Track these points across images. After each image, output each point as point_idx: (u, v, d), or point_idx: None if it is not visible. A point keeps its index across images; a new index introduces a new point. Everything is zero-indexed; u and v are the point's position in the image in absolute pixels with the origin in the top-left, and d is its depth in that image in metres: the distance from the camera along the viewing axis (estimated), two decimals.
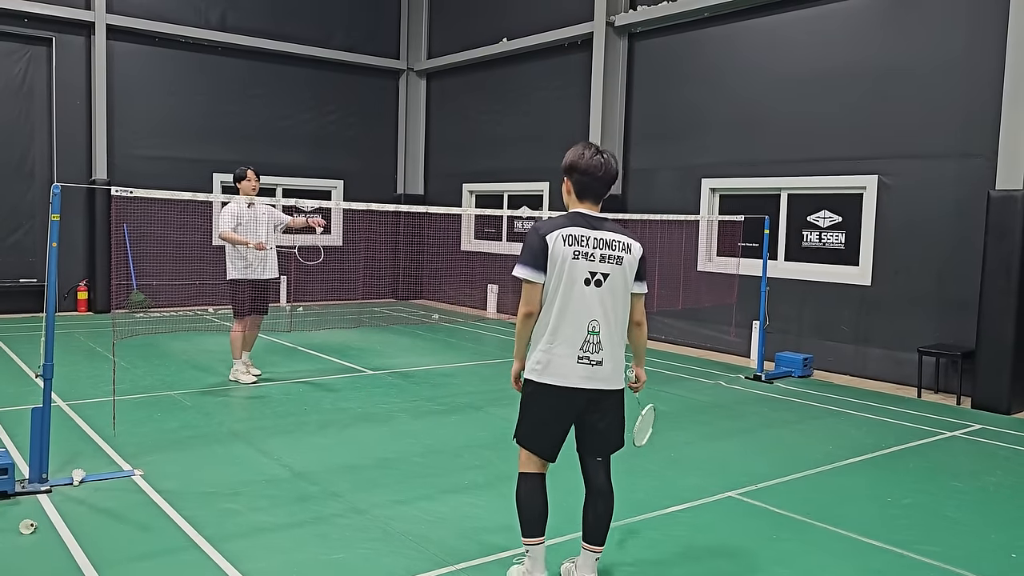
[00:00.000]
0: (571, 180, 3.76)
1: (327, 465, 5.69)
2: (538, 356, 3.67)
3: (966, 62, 8.87)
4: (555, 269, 3.61)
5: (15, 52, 13.00)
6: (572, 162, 3.73)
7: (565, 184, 3.80)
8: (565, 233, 3.63)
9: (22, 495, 4.89)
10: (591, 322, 3.63)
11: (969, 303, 8.68)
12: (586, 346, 3.63)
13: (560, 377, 3.63)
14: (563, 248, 3.60)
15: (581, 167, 3.70)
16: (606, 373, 3.69)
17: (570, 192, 3.79)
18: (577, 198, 3.76)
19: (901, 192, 9.44)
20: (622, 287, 3.70)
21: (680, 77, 11.86)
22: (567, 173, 3.77)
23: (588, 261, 3.62)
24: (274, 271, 8.30)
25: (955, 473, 6.03)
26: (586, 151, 3.71)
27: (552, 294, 3.63)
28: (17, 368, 8.67)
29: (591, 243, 3.64)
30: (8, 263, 13.02)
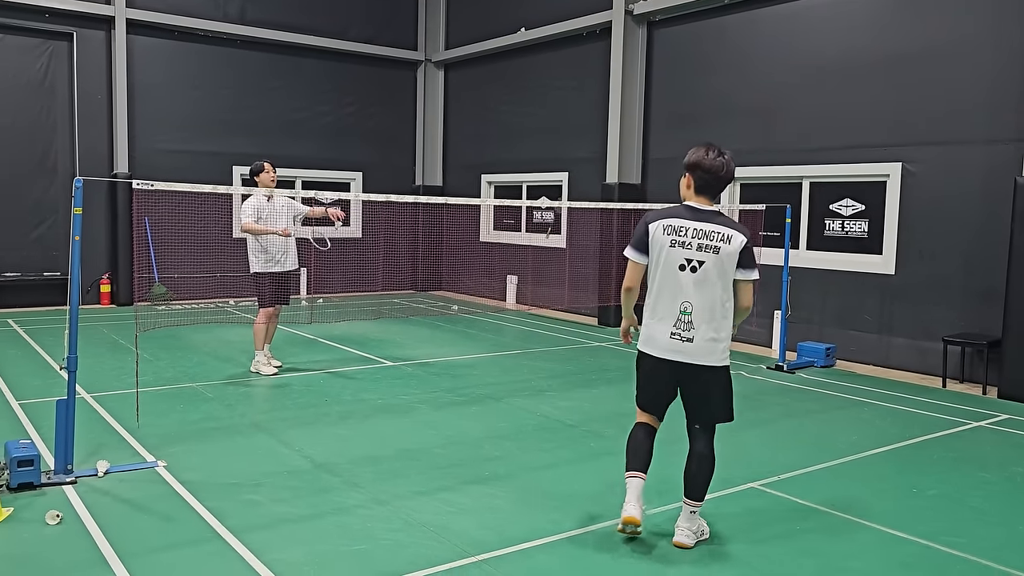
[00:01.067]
0: (693, 176, 4.22)
1: (348, 456, 5.71)
2: (643, 328, 4.29)
3: (992, 45, 8.71)
4: (655, 254, 4.16)
5: (37, 47, 13.11)
6: (696, 161, 4.19)
7: (686, 179, 4.26)
8: (666, 223, 4.14)
9: (48, 486, 4.95)
10: (684, 303, 4.11)
11: (995, 292, 8.55)
12: (678, 324, 4.12)
13: (655, 348, 4.20)
14: (662, 236, 4.12)
15: (704, 166, 4.17)
16: (694, 349, 4.11)
17: (689, 187, 4.25)
18: (695, 192, 4.23)
19: (925, 179, 9.30)
20: (716, 274, 4.09)
21: (700, 65, 11.75)
22: (690, 170, 4.23)
23: (684, 249, 4.09)
24: (295, 263, 8.36)
25: (982, 463, 5.95)
26: (710, 152, 4.18)
27: (652, 275, 4.20)
28: (42, 361, 8.77)
29: (689, 233, 4.09)
30: (32, 257, 13.17)
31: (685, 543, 4.25)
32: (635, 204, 10.44)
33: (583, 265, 13.33)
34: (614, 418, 6.94)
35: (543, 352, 10.14)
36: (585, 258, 13.29)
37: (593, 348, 10.55)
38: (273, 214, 8.12)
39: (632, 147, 12.49)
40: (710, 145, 4.21)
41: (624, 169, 12.44)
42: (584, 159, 13.53)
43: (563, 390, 8.01)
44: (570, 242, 13.86)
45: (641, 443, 4.33)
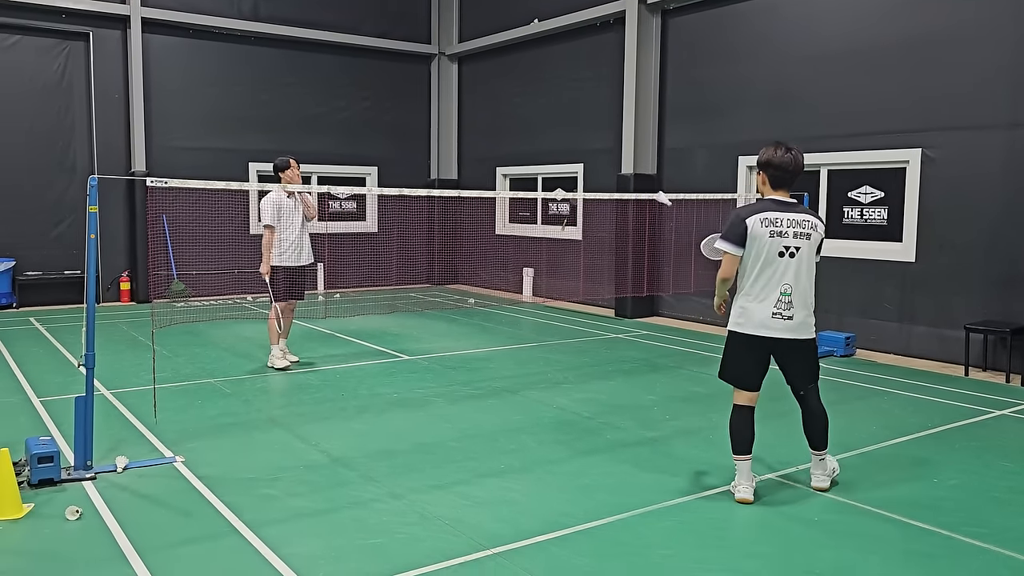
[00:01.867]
0: (766, 174, 4.74)
1: (364, 450, 5.72)
2: (738, 311, 4.77)
3: (1013, 27, 8.56)
4: (754, 245, 4.63)
5: (54, 48, 13.21)
6: (768, 159, 4.70)
7: (760, 177, 4.79)
8: (762, 217, 4.63)
9: (68, 482, 5.00)
10: (784, 286, 4.65)
11: (1018, 278, 8.43)
12: (779, 304, 4.66)
13: (755, 327, 4.70)
14: (761, 228, 4.61)
15: (776, 163, 4.67)
16: (794, 325, 4.69)
17: (765, 183, 4.77)
18: (772, 187, 4.75)
19: (946, 165, 9.17)
20: (808, 257, 4.70)
21: (715, 53, 11.65)
22: (763, 168, 4.74)
23: (782, 238, 4.62)
24: (309, 257, 8.42)
25: (1004, 453, 5.87)
26: (778, 150, 4.68)
27: (752, 264, 4.67)
28: (62, 358, 8.86)
29: (784, 223, 4.63)
30: (53, 255, 13.30)
31: (823, 486, 4.95)
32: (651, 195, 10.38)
33: (599, 257, 13.28)
34: (631, 410, 6.91)
35: (559, 344, 10.11)
36: (601, 249, 13.24)
37: (610, 340, 10.51)
38: (292, 211, 8.23)
39: (647, 137, 12.41)
40: (778, 143, 4.72)
41: (639, 159, 12.36)
42: (599, 150, 13.47)
43: (579, 382, 7.98)
44: (586, 234, 13.81)
45: (748, 427, 4.82)
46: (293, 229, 8.20)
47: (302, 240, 8.28)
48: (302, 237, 8.28)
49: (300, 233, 8.26)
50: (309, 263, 8.45)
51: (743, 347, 4.78)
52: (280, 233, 8.14)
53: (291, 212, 8.21)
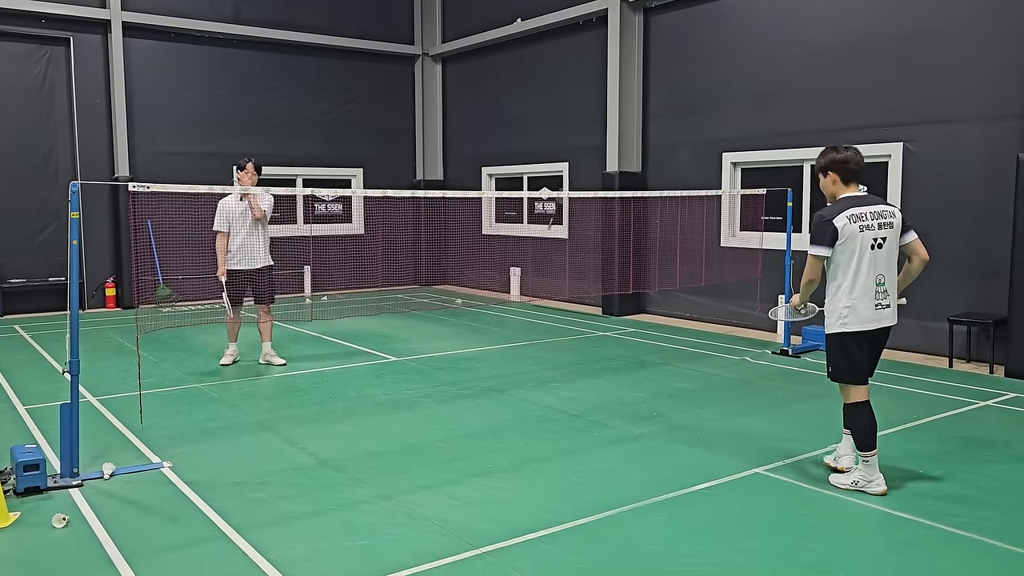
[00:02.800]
0: (836, 173, 4.94)
1: (352, 452, 5.72)
2: (843, 312, 4.83)
3: (992, 21, 8.64)
4: (847, 243, 4.76)
5: (34, 53, 13.11)
6: (832, 159, 4.94)
7: (829, 177, 4.97)
8: (848, 214, 4.77)
9: (54, 489, 4.97)
10: (878, 276, 4.82)
11: (1000, 270, 8.50)
12: (877, 295, 4.82)
13: (864, 323, 4.82)
14: (851, 226, 4.75)
15: (840, 159, 4.92)
16: (890, 313, 4.91)
17: (836, 183, 4.96)
18: (844, 184, 4.94)
19: (927, 159, 9.24)
20: (892, 245, 4.89)
21: (697, 50, 11.69)
22: (830, 169, 4.95)
23: (871, 231, 4.78)
24: (263, 260, 8.40)
25: (988, 443, 5.92)
26: (836, 151, 4.94)
27: (848, 261, 4.79)
28: (47, 366, 8.80)
29: (868, 217, 4.79)
30: (37, 262, 13.21)
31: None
32: (636, 192, 10.42)
33: (585, 255, 13.31)
34: (618, 407, 6.93)
35: (547, 343, 10.13)
36: (587, 248, 13.27)
37: (597, 338, 10.54)
38: (242, 217, 8.26)
39: (631, 135, 12.45)
40: (833, 145, 5.02)
41: (624, 157, 12.40)
42: (584, 148, 13.49)
43: (567, 380, 8.00)
44: (572, 232, 13.84)
45: (871, 422, 4.91)
46: (241, 233, 8.25)
47: (254, 243, 8.30)
48: (254, 240, 8.30)
49: (248, 236, 8.26)
50: (265, 265, 8.41)
51: (855, 345, 4.87)
52: (231, 236, 8.24)
53: (241, 215, 8.26)
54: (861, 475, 4.89)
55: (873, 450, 4.85)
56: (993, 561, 4.00)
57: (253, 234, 8.30)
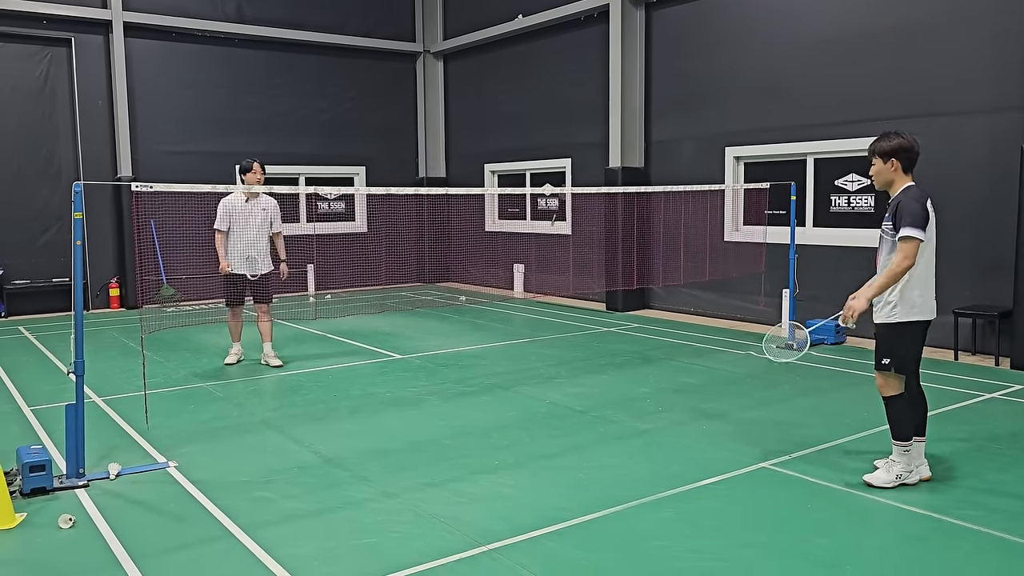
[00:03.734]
0: (900, 160, 4.85)
1: (358, 450, 5.72)
2: (914, 299, 4.79)
3: (995, 12, 8.59)
4: (931, 230, 4.79)
5: (36, 54, 13.12)
6: (899, 145, 4.84)
7: (891, 164, 4.87)
8: (929, 200, 4.81)
9: (60, 490, 4.98)
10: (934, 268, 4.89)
11: (1005, 262, 8.47)
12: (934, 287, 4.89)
13: (929, 312, 4.88)
14: (932, 213, 4.81)
15: (907, 148, 4.83)
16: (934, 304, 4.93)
17: (897, 170, 4.88)
18: (904, 172, 4.89)
19: (931, 151, 9.16)
20: None
21: (699, 45, 11.66)
22: (895, 155, 4.84)
23: (933, 224, 4.84)
24: (264, 266, 8.37)
25: (994, 435, 5.91)
26: (903, 137, 4.83)
27: (922, 251, 4.74)
28: (52, 366, 8.81)
29: (930, 208, 4.81)
30: (40, 263, 13.22)
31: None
32: (639, 188, 10.40)
33: (589, 251, 13.29)
34: (623, 403, 6.92)
35: (551, 339, 10.12)
36: (591, 244, 13.25)
37: (601, 334, 10.53)
38: (245, 217, 8.20)
39: (634, 130, 12.42)
40: (896, 131, 4.92)
41: (627, 153, 12.37)
42: (587, 144, 13.47)
43: (572, 376, 7.99)
44: (575, 228, 13.82)
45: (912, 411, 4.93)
46: (244, 235, 8.17)
47: (259, 248, 8.26)
48: (259, 245, 8.25)
49: (253, 241, 8.19)
50: (264, 272, 8.36)
51: (920, 334, 4.87)
52: (228, 241, 8.19)
53: (245, 217, 8.20)
54: (903, 467, 4.86)
55: (919, 436, 4.94)
56: (1003, 554, 3.98)
57: (258, 239, 8.25)
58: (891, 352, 4.85)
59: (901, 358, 4.85)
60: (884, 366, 4.87)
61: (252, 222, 8.23)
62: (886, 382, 4.90)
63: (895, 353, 4.84)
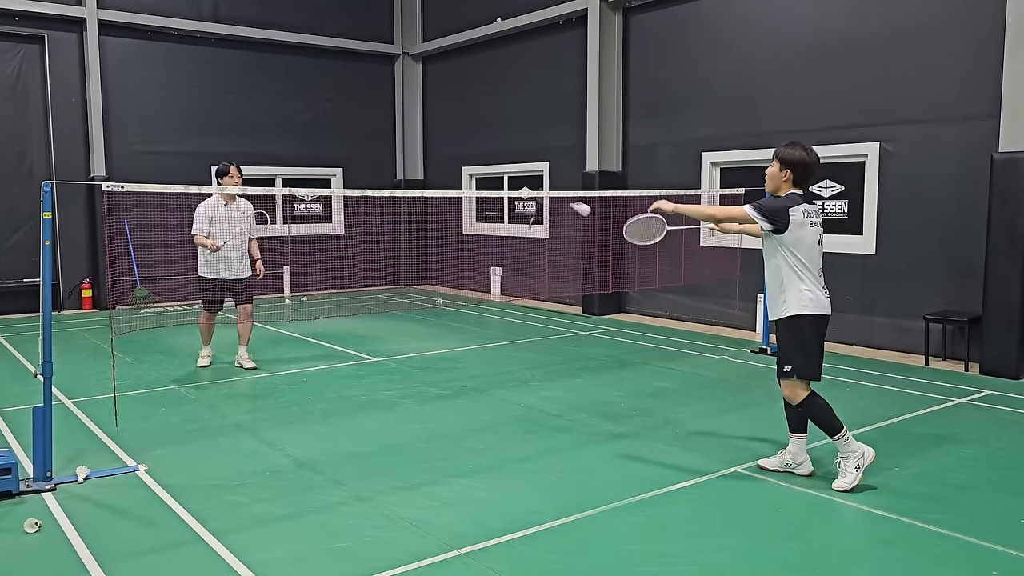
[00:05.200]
0: (795, 172, 4.98)
1: (331, 454, 5.69)
2: (805, 297, 4.92)
3: (966, 21, 8.73)
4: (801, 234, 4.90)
5: (8, 51, 12.94)
6: (801, 159, 4.95)
7: (785, 172, 4.99)
8: (803, 208, 4.91)
9: (27, 494, 4.90)
10: (819, 269, 5.02)
11: (975, 269, 8.60)
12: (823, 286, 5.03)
13: (821, 307, 4.98)
14: (803, 219, 4.90)
15: (807, 164, 4.96)
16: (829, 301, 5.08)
17: (788, 180, 5.00)
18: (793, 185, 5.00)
19: (903, 159, 9.33)
20: None
21: (677, 50, 11.73)
22: (792, 166, 4.96)
23: (816, 228, 4.97)
24: (243, 271, 8.29)
25: (962, 440, 5.98)
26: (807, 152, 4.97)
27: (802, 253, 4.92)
28: (21, 367, 8.68)
29: (813, 213, 4.97)
30: (11, 263, 13.03)
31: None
32: (616, 192, 10.44)
33: (566, 254, 13.32)
34: (598, 407, 6.94)
35: (527, 343, 10.13)
36: (568, 247, 13.28)
37: (577, 337, 10.55)
38: (226, 220, 8.09)
39: (611, 134, 12.47)
40: (804, 144, 5.02)
41: (604, 157, 12.42)
42: (564, 148, 13.50)
43: (547, 380, 8.00)
44: (552, 231, 13.84)
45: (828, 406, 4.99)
46: (223, 239, 8.03)
47: (237, 252, 8.16)
48: (237, 249, 8.15)
49: (231, 245, 8.08)
50: (242, 276, 8.26)
51: (814, 331, 4.93)
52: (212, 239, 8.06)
53: (226, 221, 8.09)
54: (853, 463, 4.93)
55: (842, 430, 4.94)
56: (969, 559, 4.03)
57: (237, 244, 8.14)
58: (791, 355, 4.94)
59: (802, 361, 4.92)
60: (786, 374, 4.95)
61: (232, 226, 8.11)
62: (792, 391, 4.98)
63: (795, 356, 4.92)
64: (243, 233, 8.23)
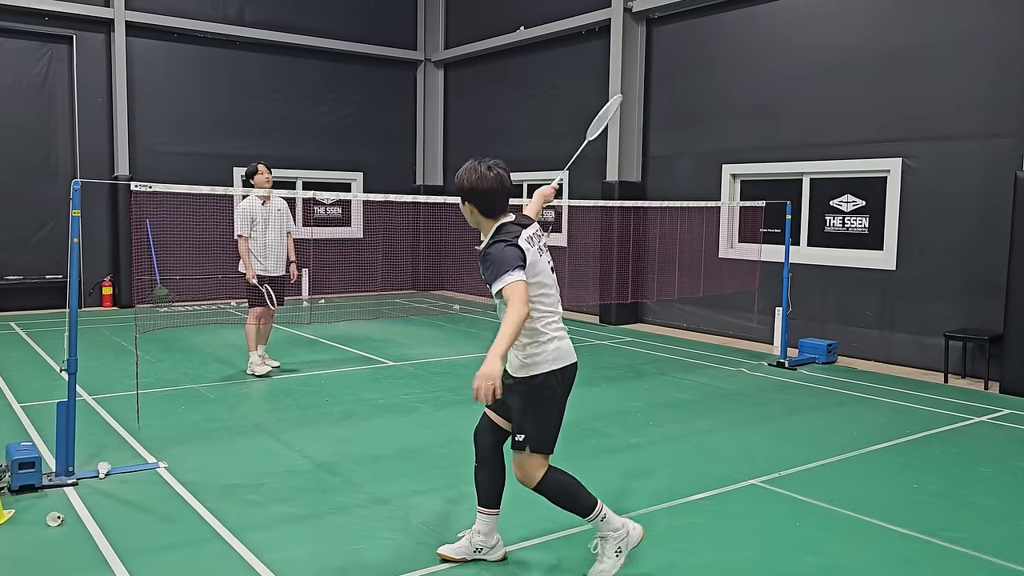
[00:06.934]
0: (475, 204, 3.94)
1: (349, 456, 5.72)
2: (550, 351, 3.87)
3: (992, 38, 8.69)
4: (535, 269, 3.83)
5: (36, 51, 13.13)
6: (470, 187, 3.91)
7: (469, 207, 3.98)
8: (526, 236, 3.86)
9: (49, 488, 4.96)
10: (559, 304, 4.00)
11: (996, 287, 8.53)
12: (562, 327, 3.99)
13: (568, 353, 3.93)
14: (532, 249, 3.84)
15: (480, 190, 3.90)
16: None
17: (474, 212, 3.96)
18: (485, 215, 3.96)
19: (926, 175, 9.29)
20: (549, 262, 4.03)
21: (699, 62, 11.74)
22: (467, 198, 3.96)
23: (545, 254, 3.99)
24: (282, 269, 8.35)
25: (982, 459, 5.94)
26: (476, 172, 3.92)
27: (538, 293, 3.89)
28: (44, 363, 8.78)
29: (536, 239, 3.94)
30: (34, 260, 13.20)
31: None
32: (635, 202, 10.45)
33: (583, 263, 13.33)
34: (615, 416, 6.94)
35: None
36: (586, 256, 13.28)
37: (594, 346, 10.55)
38: (266, 219, 8.16)
39: (632, 145, 12.49)
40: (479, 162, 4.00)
41: (624, 167, 12.43)
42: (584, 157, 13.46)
43: None
44: (571, 240, 13.85)
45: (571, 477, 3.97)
46: (266, 237, 8.11)
47: (280, 249, 8.24)
48: (280, 246, 8.23)
49: (276, 242, 8.17)
50: (279, 274, 8.32)
51: (561, 390, 3.86)
52: (258, 239, 8.12)
53: (266, 219, 8.16)
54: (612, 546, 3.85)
55: (598, 504, 3.90)
56: None
57: (278, 242, 8.21)
58: (528, 426, 3.83)
59: (547, 431, 3.86)
60: (519, 444, 3.81)
61: (272, 223, 8.18)
62: (525, 470, 3.86)
63: (534, 427, 3.83)
64: (283, 230, 8.28)
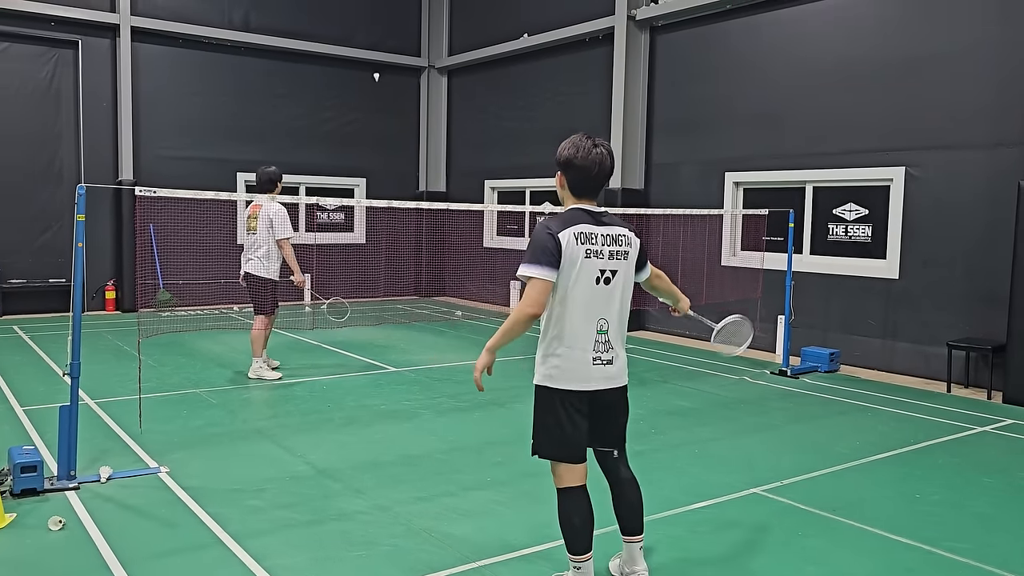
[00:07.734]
0: (566, 176, 3.61)
1: (350, 462, 5.71)
2: (551, 361, 3.60)
3: (997, 49, 8.70)
4: (571, 269, 3.44)
5: (42, 55, 13.17)
6: (568, 158, 3.59)
7: (559, 178, 3.65)
8: (576, 231, 3.46)
9: (51, 492, 4.96)
10: (600, 321, 3.54)
11: (1000, 296, 8.52)
12: (597, 347, 3.55)
13: (573, 380, 3.56)
14: (576, 247, 3.44)
15: (576, 163, 3.56)
16: (616, 371, 3.65)
17: (564, 187, 3.64)
18: (573, 193, 3.62)
19: (929, 184, 9.29)
20: (628, 281, 3.64)
21: (703, 70, 11.76)
22: (560, 167, 3.62)
23: (598, 259, 3.49)
24: None
25: (985, 469, 5.92)
26: (579, 147, 3.58)
27: (564, 296, 3.50)
28: (46, 367, 8.79)
29: (599, 240, 3.50)
30: (38, 264, 13.22)
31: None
32: (638, 209, 10.45)
33: None
34: None
35: None
36: None
37: None
38: None
39: (635, 152, 12.50)
40: (585, 135, 3.68)
41: (627, 174, 12.44)
42: None
43: None
44: None
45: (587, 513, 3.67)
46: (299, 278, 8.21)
47: None
48: None
49: None
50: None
51: (563, 408, 3.58)
52: (275, 249, 8.13)
53: None
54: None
55: (585, 553, 3.60)
56: None
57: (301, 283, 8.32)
58: (534, 426, 3.68)
59: (544, 437, 3.65)
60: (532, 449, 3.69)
61: None
62: (552, 468, 3.71)
63: (537, 429, 3.67)
64: None
